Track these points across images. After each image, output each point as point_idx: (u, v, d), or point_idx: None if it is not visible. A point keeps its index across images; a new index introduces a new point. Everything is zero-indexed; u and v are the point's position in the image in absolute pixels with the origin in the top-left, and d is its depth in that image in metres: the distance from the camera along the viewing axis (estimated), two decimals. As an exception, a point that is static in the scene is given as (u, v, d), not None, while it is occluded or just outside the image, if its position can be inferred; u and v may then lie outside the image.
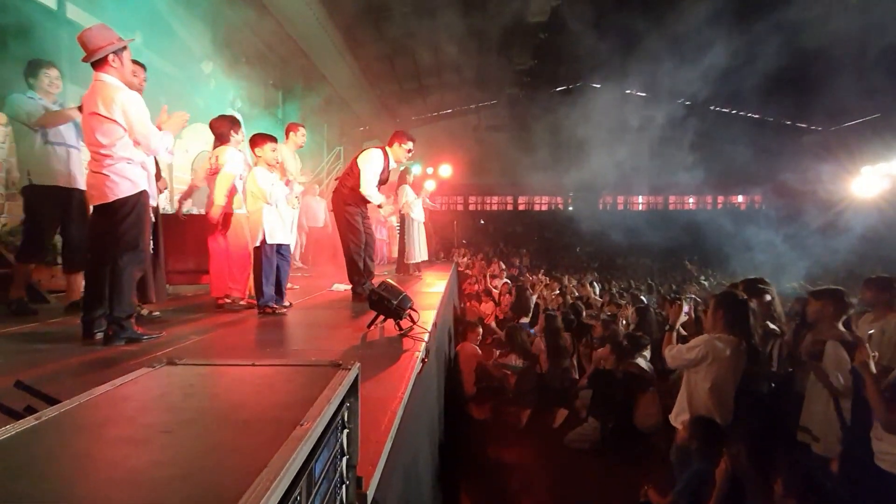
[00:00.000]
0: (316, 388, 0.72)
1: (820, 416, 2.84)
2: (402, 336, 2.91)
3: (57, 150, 3.57)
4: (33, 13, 5.13)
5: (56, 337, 2.90)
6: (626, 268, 17.23)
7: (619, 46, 15.68)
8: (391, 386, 1.87)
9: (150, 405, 0.69)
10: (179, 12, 7.18)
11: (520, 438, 4.57)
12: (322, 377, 0.77)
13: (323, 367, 0.84)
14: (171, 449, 0.56)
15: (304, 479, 0.56)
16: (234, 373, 0.85)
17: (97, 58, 2.70)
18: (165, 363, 0.88)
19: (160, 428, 0.60)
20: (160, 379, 0.81)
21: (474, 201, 25.52)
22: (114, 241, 2.73)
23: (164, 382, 0.79)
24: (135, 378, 0.81)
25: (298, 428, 0.57)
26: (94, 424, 0.63)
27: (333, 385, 0.73)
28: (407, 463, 1.72)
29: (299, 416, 0.60)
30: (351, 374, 0.81)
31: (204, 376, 0.83)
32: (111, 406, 0.70)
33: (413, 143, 4.65)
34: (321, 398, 0.66)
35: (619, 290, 9.48)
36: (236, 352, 2.68)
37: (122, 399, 0.73)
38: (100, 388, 0.76)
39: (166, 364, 0.88)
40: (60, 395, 0.86)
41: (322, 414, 0.61)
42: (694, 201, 25.23)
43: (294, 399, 0.69)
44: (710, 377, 2.85)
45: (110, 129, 2.67)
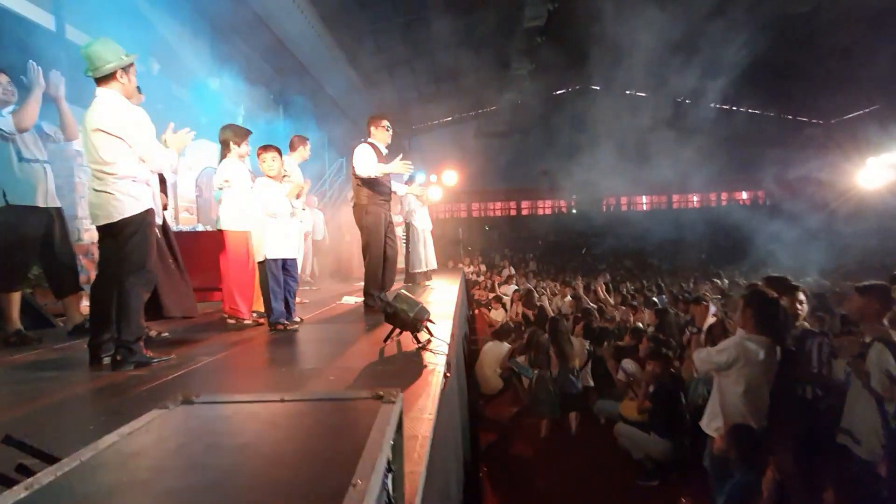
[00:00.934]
0: (360, 429, 0.61)
1: (862, 417, 2.69)
2: (421, 349, 2.79)
3: (33, 166, 3.38)
4: (31, 35, 5.11)
5: (62, 364, 2.80)
6: (634, 269, 17.06)
7: (616, 47, 15.65)
8: (417, 407, 1.76)
9: (166, 463, 0.58)
10: (179, 30, 7.17)
11: (539, 447, 4.43)
12: (363, 414, 0.66)
13: (362, 401, 0.73)
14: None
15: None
16: (262, 412, 0.73)
17: (105, 73, 2.62)
18: (181, 402, 0.77)
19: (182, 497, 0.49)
20: (176, 424, 0.70)
21: (477, 208, 25.46)
22: (120, 262, 2.63)
23: (181, 430, 0.68)
24: (146, 424, 0.70)
25: (352, 490, 0.46)
26: (99, 492, 0.52)
27: (380, 425, 0.62)
28: (440, 488, 1.60)
29: (348, 472, 0.49)
30: (395, 408, 0.70)
31: (227, 419, 0.72)
32: (120, 465, 0.59)
33: (387, 119, 4.58)
34: (370, 445, 0.55)
35: (629, 292, 9.33)
36: (250, 374, 2.57)
37: (133, 455, 0.62)
38: (105, 440, 0.65)
39: (181, 403, 0.77)
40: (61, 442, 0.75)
41: (375, 468, 0.51)
42: (698, 199, 25.09)
43: (337, 446, 0.58)
44: (743, 381, 2.72)
45: (115, 146, 2.58)
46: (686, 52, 13.72)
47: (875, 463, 2.64)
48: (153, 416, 0.73)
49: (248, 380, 2.40)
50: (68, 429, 1.74)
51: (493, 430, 4.81)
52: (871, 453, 2.65)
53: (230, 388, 2.22)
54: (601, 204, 24.48)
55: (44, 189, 3.44)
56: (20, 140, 3.37)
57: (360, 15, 11.24)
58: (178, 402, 0.78)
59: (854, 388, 2.72)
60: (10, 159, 3.31)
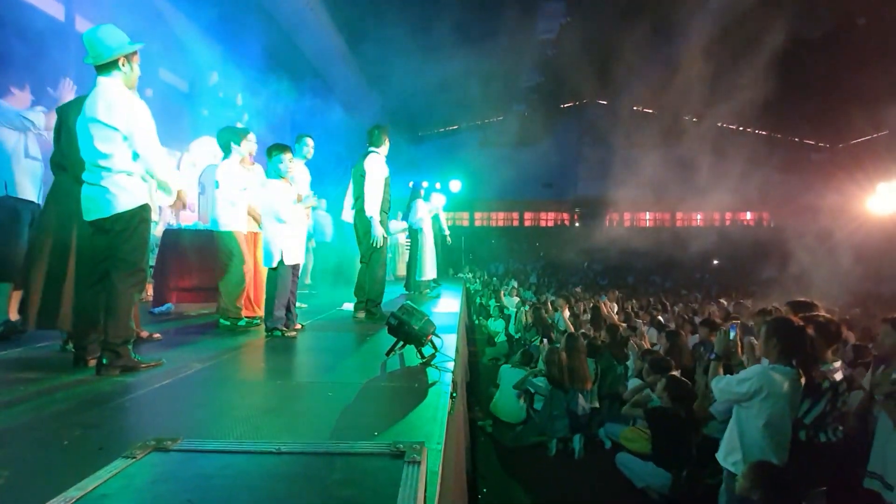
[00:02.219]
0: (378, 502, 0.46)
1: (894, 460, 2.53)
2: (425, 365, 2.63)
3: (34, 164, 3.53)
4: (40, 25, 5.02)
5: (44, 364, 2.64)
6: (637, 286, 16.88)
7: (625, 64, 15.65)
8: (424, 434, 1.60)
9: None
10: (188, 25, 7.09)
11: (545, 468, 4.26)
12: (381, 479, 0.52)
13: (379, 458, 0.58)
14: None
15: None
16: (252, 469, 0.58)
17: (108, 60, 2.48)
18: (153, 448, 0.62)
19: None
20: (144, 482, 0.55)
21: (480, 217, 25.37)
22: (112, 260, 2.48)
23: (148, 492, 0.53)
24: (104, 480, 0.55)
25: None
26: None
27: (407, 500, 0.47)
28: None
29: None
30: (420, 472, 0.55)
31: (206, 480, 0.56)
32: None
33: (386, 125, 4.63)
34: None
35: (633, 310, 9.16)
36: (242, 387, 2.41)
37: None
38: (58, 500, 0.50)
39: (154, 450, 0.61)
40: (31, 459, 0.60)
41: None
42: (702, 218, 24.98)
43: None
44: (765, 413, 2.55)
45: (110, 137, 2.44)
46: (695, 72, 13.69)
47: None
48: (117, 469, 0.58)
49: (240, 394, 2.24)
50: (40, 443, 1.58)
51: (495, 449, 4.63)
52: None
53: (220, 405, 2.06)
54: (604, 218, 24.37)
55: (38, 187, 3.53)
56: (28, 138, 3.50)
57: (369, 21, 11.21)
58: (150, 447, 0.64)
59: (884, 428, 2.56)
60: (18, 153, 3.44)
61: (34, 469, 1.35)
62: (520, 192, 23.47)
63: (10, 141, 3.41)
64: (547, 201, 24.13)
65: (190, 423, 1.77)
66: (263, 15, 8.42)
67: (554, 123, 20.34)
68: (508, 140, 20.88)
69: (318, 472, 0.57)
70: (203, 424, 1.74)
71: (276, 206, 3.56)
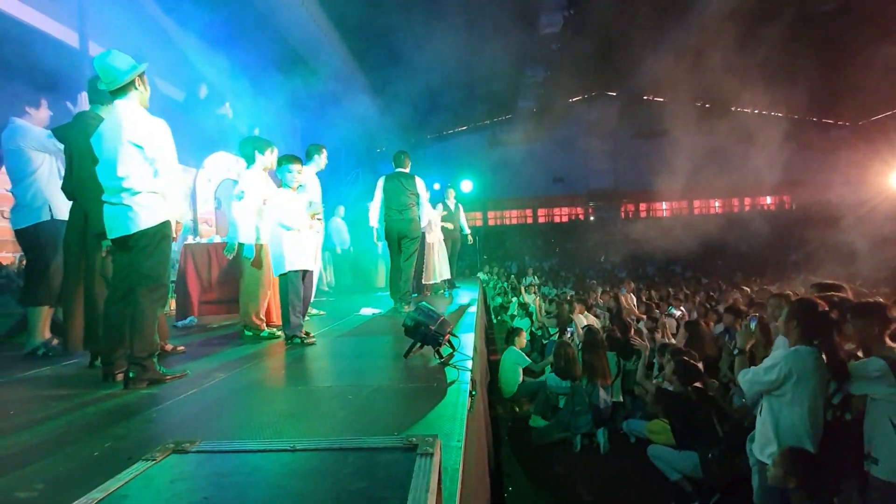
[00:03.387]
0: (393, 496, 0.46)
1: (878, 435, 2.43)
2: (443, 365, 2.64)
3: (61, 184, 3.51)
4: (56, 51, 5.19)
5: (75, 381, 2.72)
6: (655, 276, 16.62)
7: (633, 52, 15.43)
8: (444, 433, 1.60)
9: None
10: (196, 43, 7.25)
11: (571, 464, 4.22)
12: (395, 471, 0.52)
13: (392, 452, 0.59)
14: None
15: None
16: (268, 466, 0.60)
17: (124, 83, 2.57)
18: (172, 450, 0.64)
19: None
20: (163, 483, 0.57)
21: (493, 216, 25.28)
22: (135, 276, 2.55)
23: (168, 492, 0.55)
24: (125, 482, 0.57)
25: None
26: None
27: (417, 492, 0.48)
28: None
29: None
30: (433, 463, 0.56)
31: (224, 478, 0.58)
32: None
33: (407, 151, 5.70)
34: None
35: (653, 301, 9.01)
36: (265, 393, 2.45)
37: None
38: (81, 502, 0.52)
39: (173, 452, 0.63)
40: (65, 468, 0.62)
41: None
42: (720, 204, 24.46)
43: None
44: (799, 397, 2.46)
45: (133, 157, 2.51)
46: (705, 56, 13.42)
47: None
48: (138, 471, 0.60)
49: (263, 401, 2.27)
50: (72, 455, 1.63)
51: (519, 446, 4.60)
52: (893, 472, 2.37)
53: (245, 412, 2.10)
54: (619, 211, 24.05)
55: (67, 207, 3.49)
56: (57, 159, 3.49)
57: (374, 25, 11.29)
58: (169, 449, 0.65)
59: (871, 406, 2.47)
60: (53, 175, 3.45)
61: (66, 481, 1.40)
62: (532, 189, 23.33)
63: (46, 164, 3.46)
64: (560, 196, 23.93)
65: (214, 431, 1.81)
66: (269, 27, 8.55)
67: (563, 118, 20.16)
68: (518, 137, 20.78)
69: (332, 466, 0.58)
70: (227, 431, 1.77)
71: (281, 215, 3.61)
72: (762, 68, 13.98)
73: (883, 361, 2.39)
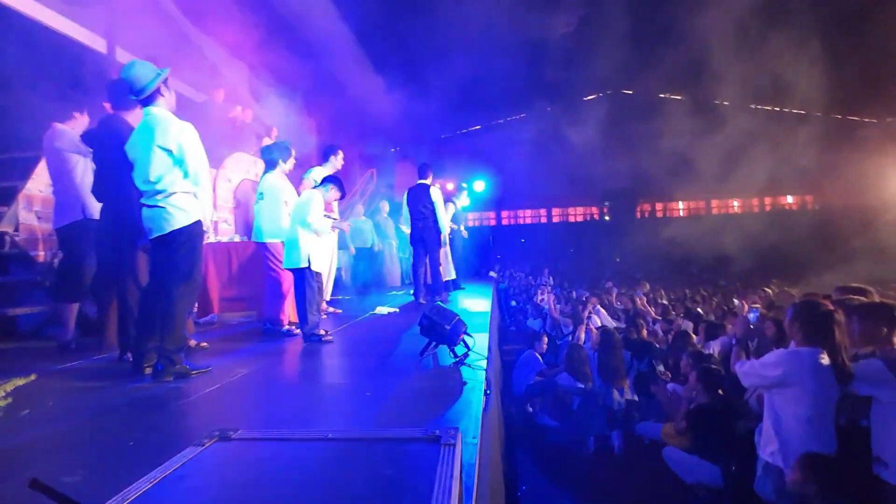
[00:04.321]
0: (419, 483, 0.52)
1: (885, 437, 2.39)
2: (458, 364, 2.69)
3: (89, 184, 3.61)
4: (85, 57, 5.37)
5: (105, 374, 2.84)
6: (671, 278, 16.43)
7: (649, 51, 15.28)
8: (461, 429, 1.65)
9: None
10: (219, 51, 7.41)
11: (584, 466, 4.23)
12: (421, 461, 0.57)
13: (417, 443, 0.64)
14: None
15: None
16: (306, 453, 0.66)
17: (152, 91, 2.69)
18: (217, 437, 0.70)
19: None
20: (213, 466, 0.63)
21: (507, 215, 25.23)
22: (169, 271, 2.68)
23: (216, 475, 0.61)
24: (182, 464, 0.63)
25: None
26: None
27: (443, 479, 0.53)
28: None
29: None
30: (456, 454, 0.61)
31: (267, 462, 0.64)
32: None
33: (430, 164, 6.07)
34: (436, 503, 0.47)
35: (670, 302, 8.94)
36: (287, 390, 2.53)
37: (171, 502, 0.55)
38: (137, 486, 0.58)
39: (218, 439, 0.70)
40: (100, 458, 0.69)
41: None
42: (739, 204, 24.02)
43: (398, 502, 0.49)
44: (798, 399, 2.45)
45: (163, 161, 2.64)
46: (723, 53, 13.21)
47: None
48: (189, 455, 0.66)
49: (284, 396, 2.36)
50: (107, 445, 1.73)
51: (532, 445, 4.63)
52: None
53: (267, 406, 2.18)
54: (635, 210, 23.80)
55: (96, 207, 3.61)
56: (89, 161, 3.57)
57: (390, 27, 11.39)
58: (215, 437, 0.72)
59: (876, 409, 2.43)
60: (87, 176, 3.55)
61: (106, 466, 1.49)
62: (546, 189, 23.22)
63: (80, 166, 3.60)
64: (574, 196, 23.78)
65: (242, 424, 1.88)
66: (287, 30, 8.70)
67: (577, 117, 20.04)
68: (532, 137, 20.73)
69: (363, 454, 0.63)
70: (254, 425, 1.84)
71: (310, 216, 3.71)
72: (786, 64, 13.68)
73: (881, 363, 2.35)
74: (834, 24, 13.08)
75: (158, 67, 2.75)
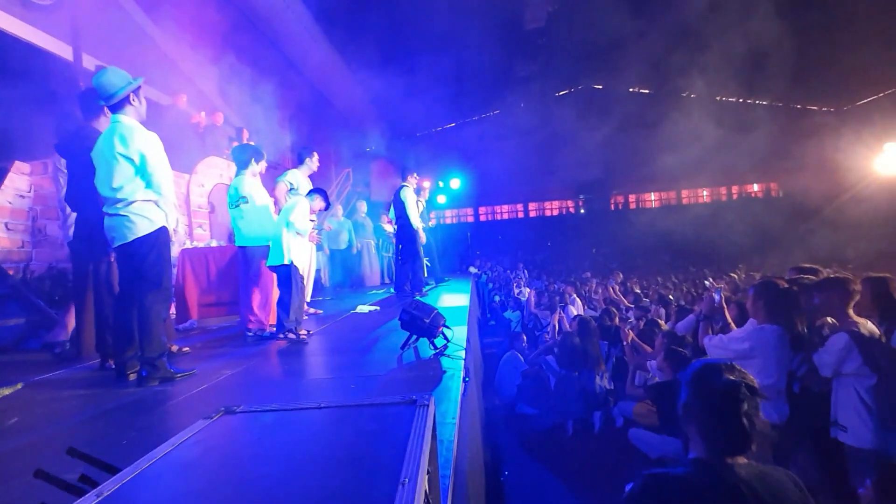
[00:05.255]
0: (398, 433, 0.63)
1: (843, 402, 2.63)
2: (438, 356, 2.81)
3: None
4: (51, 65, 5.26)
5: (89, 381, 2.86)
6: (645, 266, 16.93)
7: (617, 45, 15.65)
8: (440, 412, 1.77)
9: (220, 472, 0.61)
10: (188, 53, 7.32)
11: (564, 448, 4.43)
12: (399, 418, 0.69)
13: (396, 406, 0.76)
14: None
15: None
16: (303, 420, 0.77)
17: (120, 99, 2.70)
18: (223, 412, 0.80)
19: (242, 503, 0.52)
20: (222, 434, 0.73)
21: (485, 211, 25.45)
22: (137, 281, 2.70)
23: (227, 439, 0.71)
24: (194, 434, 0.73)
25: (402, 489, 0.49)
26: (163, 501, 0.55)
27: (418, 429, 0.65)
28: (465, 492, 1.61)
29: (395, 473, 0.52)
30: (429, 412, 0.73)
31: (270, 428, 0.75)
32: (177, 474, 0.62)
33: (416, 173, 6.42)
34: (411, 447, 0.58)
35: (643, 291, 9.26)
36: (274, 386, 2.61)
37: (187, 465, 0.65)
38: (159, 450, 0.68)
39: (224, 413, 0.80)
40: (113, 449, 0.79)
41: (420, 467, 0.53)
42: (708, 193, 24.79)
43: (380, 450, 0.60)
44: (763, 370, 2.68)
45: (127, 170, 2.66)
46: (689, 46, 13.65)
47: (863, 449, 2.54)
48: (199, 427, 0.76)
49: (272, 391, 2.44)
50: (101, 445, 1.78)
51: (515, 434, 4.80)
52: (859, 439, 2.56)
53: (255, 401, 2.26)
54: (609, 202, 24.34)
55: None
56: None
57: (360, 24, 11.38)
58: (221, 411, 0.82)
59: None
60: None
61: (103, 464, 1.56)
62: (522, 184, 23.54)
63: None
64: (550, 190, 24.16)
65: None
66: (257, 32, 8.63)
67: (551, 112, 20.37)
68: (506, 133, 20.97)
69: (352, 417, 0.75)
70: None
71: (292, 215, 3.80)
72: (748, 57, 14.22)
73: (847, 337, 2.58)
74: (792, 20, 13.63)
75: (132, 78, 2.77)
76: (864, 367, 2.47)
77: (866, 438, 2.45)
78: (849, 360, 2.55)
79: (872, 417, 2.45)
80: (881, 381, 2.47)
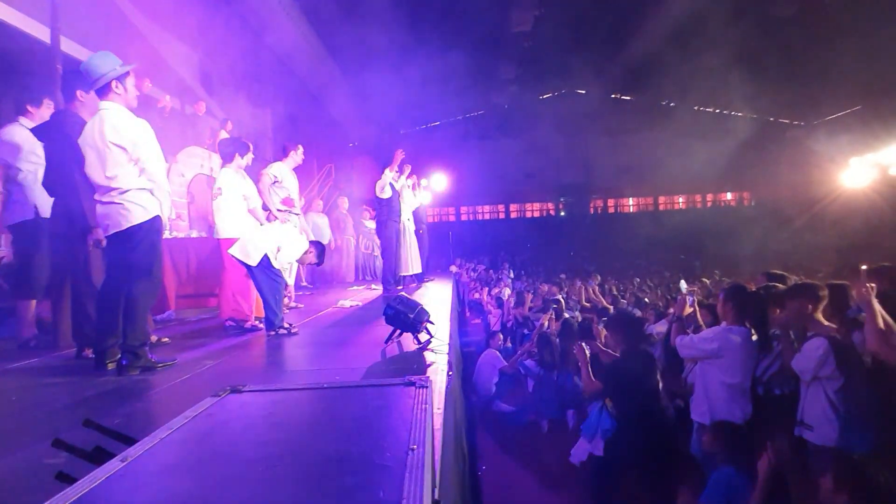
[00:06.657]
0: (402, 407, 0.68)
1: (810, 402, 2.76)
2: (422, 350, 2.86)
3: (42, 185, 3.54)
4: (26, 46, 5.08)
5: (66, 370, 2.81)
6: (623, 270, 17.30)
7: (602, 52, 15.96)
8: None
9: (239, 438, 0.65)
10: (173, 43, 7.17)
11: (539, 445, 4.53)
12: (401, 396, 0.74)
13: (397, 387, 0.81)
14: (285, 487, 0.51)
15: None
16: (308, 398, 0.81)
17: (99, 85, 2.66)
18: (229, 391, 0.84)
19: (263, 465, 0.56)
20: (233, 409, 0.77)
21: (466, 211, 25.55)
22: (127, 268, 2.67)
23: (240, 413, 0.75)
24: (205, 409, 0.77)
25: (412, 454, 0.54)
26: (189, 461, 0.59)
27: (420, 403, 0.70)
28: (447, 483, 1.67)
29: (403, 440, 0.57)
30: (429, 391, 0.78)
31: (279, 404, 0.79)
32: (198, 441, 0.66)
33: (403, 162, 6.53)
34: (416, 418, 0.63)
35: (619, 293, 9.48)
36: (257, 376, 2.62)
37: (206, 433, 0.69)
38: (175, 422, 0.72)
39: (230, 392, 0.83)
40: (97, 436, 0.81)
41: (426, 435, 0.58)
42: (684, 201, 25.46)
43: (387, 421, 0.65)
44: (728, 370, 2.82)
45: (119, 158, 2.63)
46: (670, 57, 14.01)
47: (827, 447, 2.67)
48: (210, 403, 0.80)
49: (255, 382, 2.45)
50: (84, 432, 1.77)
51: (492, 430, 4.89)
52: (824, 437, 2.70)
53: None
54: (588, 206, 24.76)
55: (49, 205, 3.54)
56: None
57: (347, 21, 11.32)
58: (227, 390, 0.85)
59: None
60: (38, 178, 3.47)
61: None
62: (504, 185, 23.74)
63: (32, 168, 3.50)
64: (532, 192, 24.44)
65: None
66: (243, 23, 8.51)
67: (533, 114, 20.61)
68: (490, 133, 21.13)
69: (356, 396, 0.79)
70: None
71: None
72: (726, 70, 14.66)
73: (826, 343, 2.60)
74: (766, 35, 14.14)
75: (119, 62, 2.73)
76: (836, 370, 2.57)
77: (831, 437, 2.57)
78: (826, 365, 2.65)
79: (839, 417, 2.57)
80: (847, 384, 2.59)
